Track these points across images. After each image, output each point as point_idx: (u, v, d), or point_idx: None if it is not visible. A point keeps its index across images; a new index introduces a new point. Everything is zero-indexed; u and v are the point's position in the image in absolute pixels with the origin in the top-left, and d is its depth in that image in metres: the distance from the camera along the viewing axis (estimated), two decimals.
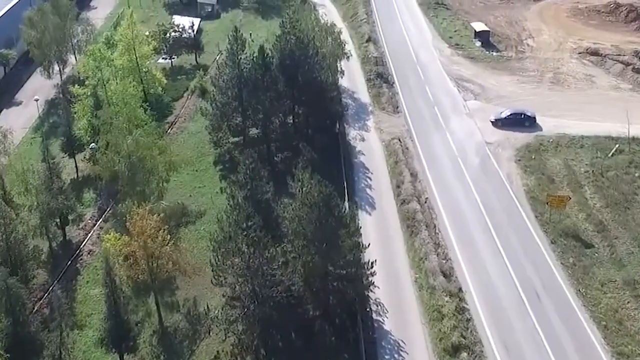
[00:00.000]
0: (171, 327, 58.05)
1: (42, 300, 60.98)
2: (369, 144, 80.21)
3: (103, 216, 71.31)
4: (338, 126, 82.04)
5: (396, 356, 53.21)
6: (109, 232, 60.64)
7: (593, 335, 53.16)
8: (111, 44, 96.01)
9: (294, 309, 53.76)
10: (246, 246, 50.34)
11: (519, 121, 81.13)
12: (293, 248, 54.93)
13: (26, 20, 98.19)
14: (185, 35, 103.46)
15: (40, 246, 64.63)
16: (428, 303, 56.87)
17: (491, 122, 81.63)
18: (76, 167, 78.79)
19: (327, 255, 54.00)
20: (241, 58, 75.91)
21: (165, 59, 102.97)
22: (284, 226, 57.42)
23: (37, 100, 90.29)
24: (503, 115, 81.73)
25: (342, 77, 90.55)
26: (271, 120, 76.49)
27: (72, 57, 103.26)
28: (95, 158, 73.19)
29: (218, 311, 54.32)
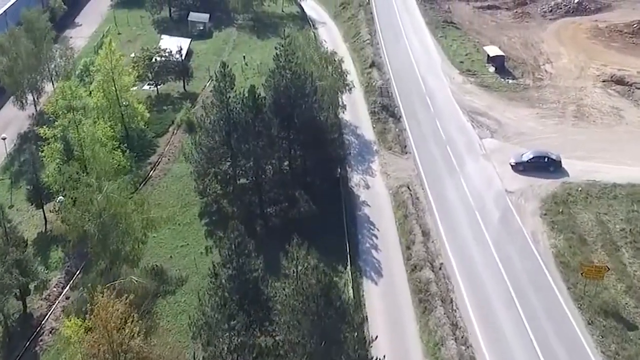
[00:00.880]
0: None
1: None
2: (374, 193, 70.59)
3: (71, 282, 61.74)
4: (339, 170, 72.37)
5: None
6: (72, 312, 51.31)
7: None
8: (89, 74, 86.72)
9: None
10: (229, 353, 40.87)
11: (543, 165, 71.51)
12: (285, 343, 45.45)
13: None
14: (173, 58, 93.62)
15: None
16: None
17: (511, 166, 71.97)
18: (45, 219, 69.25)
19: (327, 353, 44.52)
20: (230, 97, 66.19)
21: (150, 86, 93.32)
22: (275, 311, 47.97)
23: (5, 139, 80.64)
24: (525, 158, 72.07)
25: (344, 112, 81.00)
26: (264, 167, 66.74)
27: (50, 85, 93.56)
28: (62, 215, 63.55)
29: None
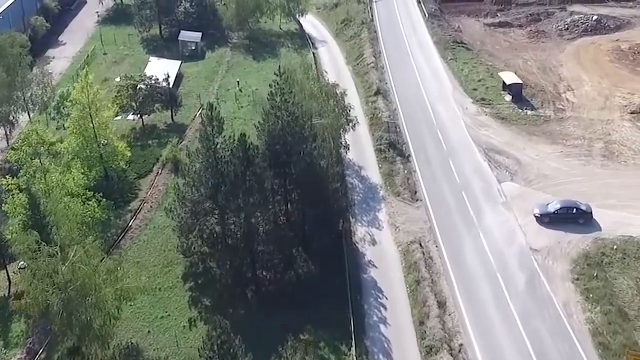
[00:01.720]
0: None
1: None
2: (382, 250, 61.82)
3: None
4: (342, 223, 63.64)
5: None
6: None
7: None
8: (65, 106, 78.00)
9: None
10: None
11: (571, 217, 62.78)
12: None
13: None
14: (160, 85, 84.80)
15: None
16: None
17: (536, 217, 63.27)
18: (8, 280, 60.61)
19: None
20: (218, 143, 57.42)
21: (135, 116, 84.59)
22: None
23: None
24: (551, 208, 63.32)
25: (347, 152, 72.37)
26: (256, 225, 57.90)
27: (25, 115, 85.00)
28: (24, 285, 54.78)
29: None
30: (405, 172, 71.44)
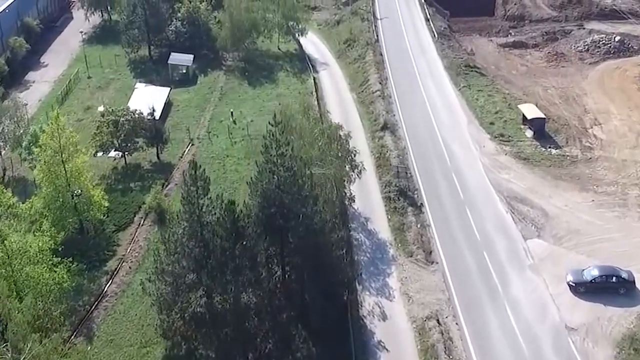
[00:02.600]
0: None
1: None
2: (393, 327, 52.86)
3: None
4: (347, 293, 54.86)
5: None
6: None
7: None
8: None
9: None
10: None
11: (611, 286, 54.10)
12: None
13: None
14: (144, 119, 75.90)
15: None
16: None
17: (569, 286, 54.55)
18: None
19: None
20: (203, 207, 48.69)
21: (117, 154, 75.78)
22: None
23: None
24: (587, 275, 54.55)
25: (353, 204, 63.68)
26: (247, 303, 49.13)
27: None
28: None
29: None
30: (418, 226, 62.62)
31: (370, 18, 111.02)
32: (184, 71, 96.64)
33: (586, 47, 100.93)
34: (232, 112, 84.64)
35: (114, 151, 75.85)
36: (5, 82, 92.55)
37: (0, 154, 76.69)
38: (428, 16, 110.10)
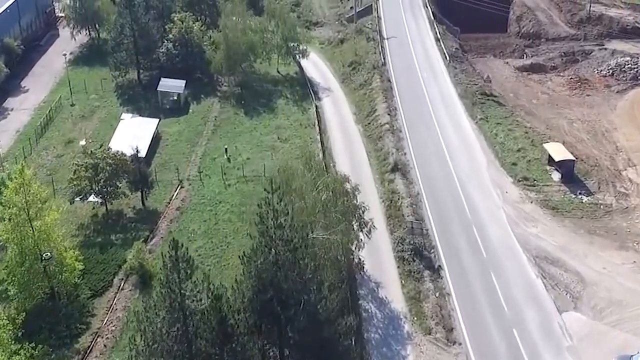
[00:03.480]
0: None
1: None
2: None
3: None
4: None
5: None
6: None
7: None
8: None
9: None
10: None
11: None
12: None
13: None
14: (128, 161, 67.43)
15: None
16: None
17: None
18: None
19: None
20: (186, 293, 40.39)
21: (97, 200, 67.30)
22: None
23: None
24: None
25: (362, 271, 55.29)
26: None
27: None
28: None
29: None
30: (436, 294, 54.14)
31: (376, 37, 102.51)
32: (175, 98, 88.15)
33: (610, 71, 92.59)
34: (227, 149, 76.17)
35: (93, 196, 67.34)
36: None
37: None
38: (438, 35, 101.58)
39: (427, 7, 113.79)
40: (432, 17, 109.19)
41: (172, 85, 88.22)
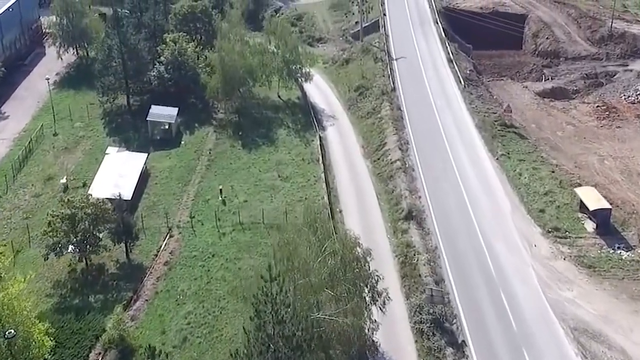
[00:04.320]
0: None
1: None
2: None
3: None
4: None
5: None
6: None
7: None
8: None
9: None
10: None
11: None
12: None
13: None
14: (109, 209, 59.60)
15: None
16: None
17: None
18: None
19: None
20: None
21: (75, 254, 59.40)
22: None
23: None
24: None
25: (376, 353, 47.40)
26: None
27: None
28: None
29: None
30: None
31: (384, 58, 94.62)
32: (166, 127, 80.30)
33: (639, 97, 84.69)
34: (221, 189, 68.32)
35: (70, 247, 59.39)
36: None
37: None
38: (451, 56, 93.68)
39: (438, 24, 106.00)
40: (444, 35, 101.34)
41: (163, 114, 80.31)
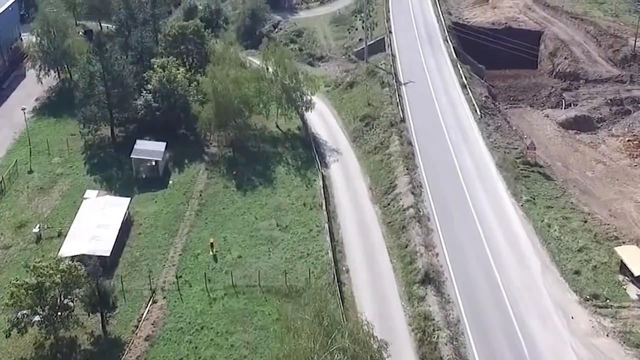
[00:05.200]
0: None
1: None
2: None
3: None
4: None
5: None
6: None
7: None
8: None
9: None
10: None
11: None
12: None
13: None
14: (82, 272, 51.28)
15: None
16: None
17: None
18: None
19: None
20: None
21: (42, 327, 50.97)
22: None
23: None
24: None
25: None
26: None
27: None
28: None
29: None
30: None
31: (391, 82, 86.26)
32: (153, 164, 71.92)
33: None
34: (212, 243, 60.03)
35: (37, 316, 51.08)
36: None
37: None
38: (464, 81, 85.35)
39: (448, 42, 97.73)
40: (455, 56, 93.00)
41: (150, 150, 71.95)
